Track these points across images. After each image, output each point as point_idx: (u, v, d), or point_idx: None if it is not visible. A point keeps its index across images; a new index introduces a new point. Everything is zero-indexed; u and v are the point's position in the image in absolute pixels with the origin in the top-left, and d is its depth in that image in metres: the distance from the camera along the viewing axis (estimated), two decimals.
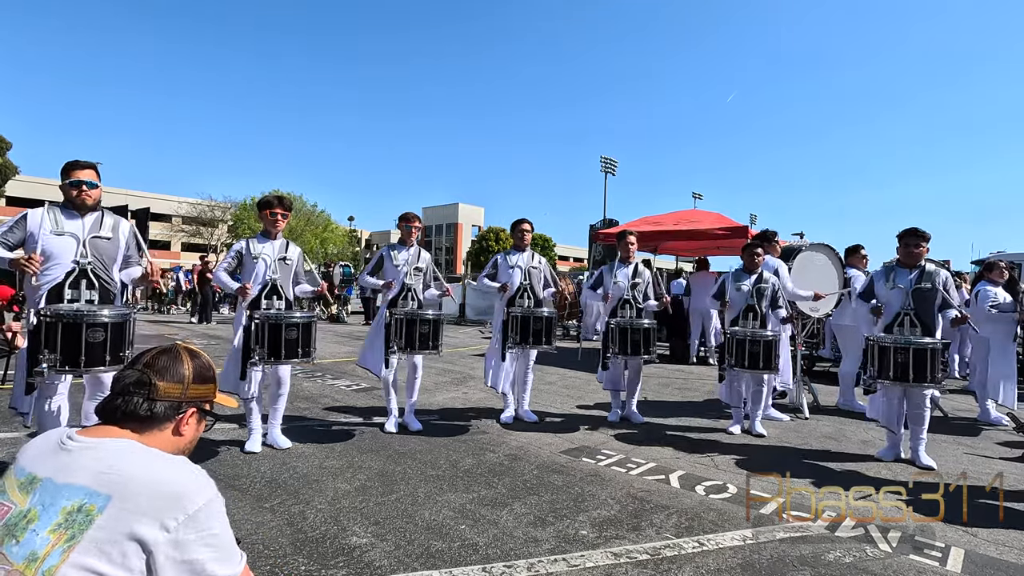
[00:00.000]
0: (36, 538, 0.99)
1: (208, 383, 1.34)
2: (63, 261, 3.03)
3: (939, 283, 4.14)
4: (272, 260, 4.01)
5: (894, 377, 3.98)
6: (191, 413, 1.30)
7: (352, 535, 2.71)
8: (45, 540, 0.99)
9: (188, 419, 1.29)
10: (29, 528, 1.00)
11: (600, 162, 32.93)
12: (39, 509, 1.03)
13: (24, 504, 1.04)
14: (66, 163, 3.12)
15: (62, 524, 1.00)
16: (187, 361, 1.31)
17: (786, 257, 5.98)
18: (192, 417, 1.30)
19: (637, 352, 4.96)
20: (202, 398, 1.33)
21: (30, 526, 1.01)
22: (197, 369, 1.31)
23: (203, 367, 1.34)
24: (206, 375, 1.33)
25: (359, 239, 53.33)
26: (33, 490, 1.06)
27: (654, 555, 2.62)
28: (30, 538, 0.99)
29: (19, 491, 1.07)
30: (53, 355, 2.82)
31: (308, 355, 3.95)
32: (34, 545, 0.99)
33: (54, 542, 0.98)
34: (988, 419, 5.61)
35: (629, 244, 5.28)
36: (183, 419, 1.28)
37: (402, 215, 4.79)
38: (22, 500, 1.05)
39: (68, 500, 1.03)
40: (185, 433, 1.29)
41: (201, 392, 1.32)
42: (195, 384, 1.30)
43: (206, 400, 1.34)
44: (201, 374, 1.32)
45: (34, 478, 1.08)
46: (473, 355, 9.59)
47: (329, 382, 6.62)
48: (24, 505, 1.04)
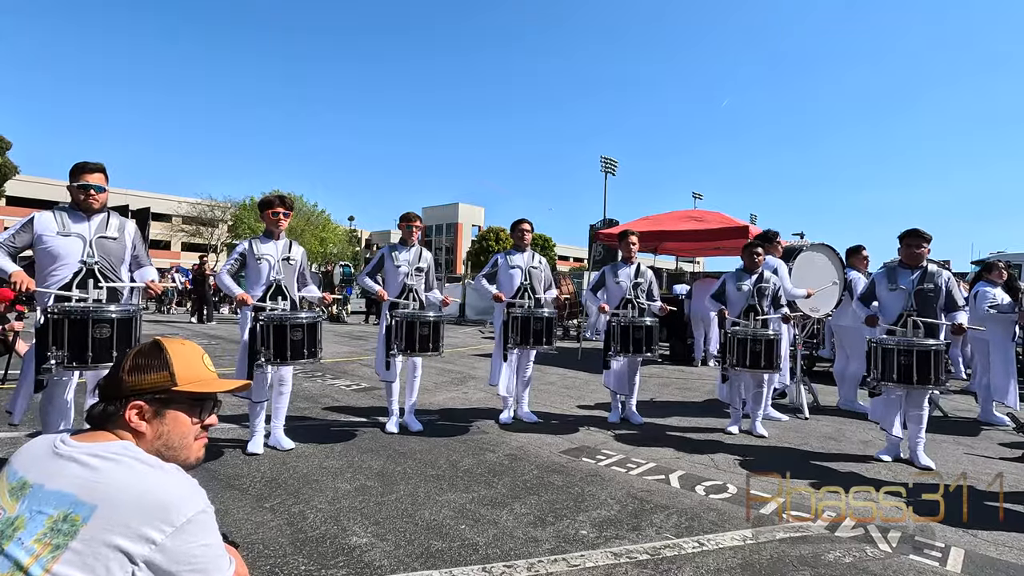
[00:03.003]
0: (21, 547, 0.96)
1: (149, 372, 1.16)
2: (70, 261, 3.04)
3: (942, 283, 4.14)
4: (276, 260, 4.01)
5: (898, 379, 3.98)
6: (133, 408, 1.14)
7: (352, 535, 2.71)
8: (30, 550, 0.95)
9: (132, 413, 1.14)
10: (15, 536, 0.97)
11: (600, 162, 32.86)
12: (27, 516, 0.99)
13: (13, 510, 1.00)
14: (75, 165, 3.11)
15: (47, 533, 0.96)
16: (131, 353, 1.18)
17: (787, 257, 5.98)
18: (139, 411, 1.14)
19: (639, 350, 4.96)
20: (143, 390, 1.15)
21: (16, 534, 0.97)
22: (134, 359, 1.16)
23: (145, 357, 1.17)
24: (146, 365, 1.16)
25: (359, 239, 53.26)
26: (23, 496, 1.02)
27: (654, 555, 2.62)
28: (14, 547, 0.96)
29: (9, 496, 1.03)
30: (61, 352, 2.84)
31: (314, 355, 3.93)
32: (18, 555, 0.95)
33: (38, 552, 0.95)
34: (988, 419, 5.61)
35: (631, 244, 5.28)
36: (126, 414, 1.13)
37: (403, 215, 4.78)
38: (11, 506, 1.01)
39: (54, 508, 0.98)
40: (142, 430, 1.14)
41: (141, 383, 1.15)
42: (129, 375, 1.15)
43: (155, 391, 1.16)
44: (136, 364, 1.16)
45: (24, 483, 1.03)
46: (473, 355, 9.59)
47: (329, 382, 6.62)
48: (13, 512, 1.00)
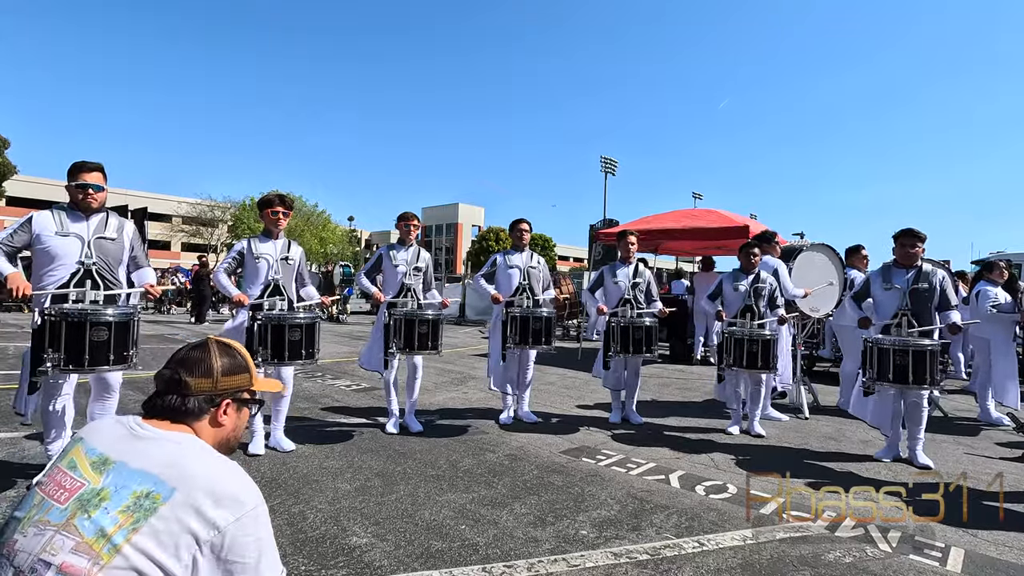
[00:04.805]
0: (107, 516, 1.05)
1: (240, 373, 1.36)
2: (68, 262, 3.02)
3: (936, 283, 4.13)
4: (275, 260, 4.00)
5: (893, 379, 3.97)
6: (226, 404, 1.33)
7: (352, 535, 2.71)
8: (114, 520, 1.04)
9: (224, 410, 1.32)
10: (101, 506, 1.06)
11: (600, 162, 32.90)
12: (111, 490, 1.08)
13: (98, 483, 1.10)
14: (73, 164, 3.09)
15: (130, 507, 1.05)
16: (216, 355, 1.33)
17: (787, 257, 5.98)
18: (229, 408, 1.33)
19: (639, 351, 4.96)
20: (236, 388, 1.35)
21: (102, 504, 1.06)
22: (226, 362, 1.34)
23: (233, 359, 1.36)
24: (237, 366, 1.36)
25: (359, 239, 53.27)
26: (107, 470, 1.12)
27: (654, 555, 2.62)
28: (101, 515, 1.05)
29: (92, 469, 1.13)
30: (57, 354, 2.80)
31: (312, 356, 3.92)
32: (104, 522, 1.04)
33: (121, 523, 1.04)
34: (988, 419, 5.60)
35: (629, 244, 5.28)
36: (218, 411, 1.31)
37: (400, 215, 4.78)
38: (95, 479, 1.11)
39: (139, 485, 1.08)
40: (225, 423, 1.33)
41: (234, 383, 1.34)
42: (225, 376, 1.33)
43: (241, 390, 1.37)
44: (231, 366, 1.34)
45: (107, 459, 1.14)
46: (473, 355, 9.59)
47: (329, 382, 6.62)
48: (97, 484, 1.10)
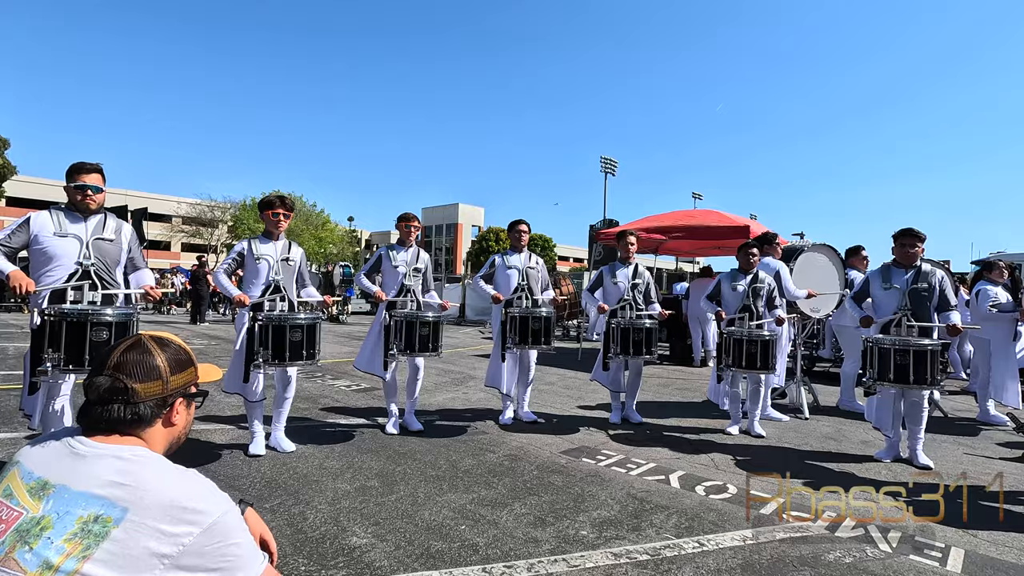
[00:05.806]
0: (50, 547, 0.97)
1: (186, 368, 1.28)
2: (66, 263, 3.03)
3: (936, 283, 4.13)
4: (275, 261, 3.99)
5: (894, 379, 3.98)
6: (179, 403, 1.26)
7: (352, 535, 2.71)
8: (60, 549, 0.97)
9: (177, 409, 1.25)
10: (43, 536, 0.98)
11: (600, 162, 32.89)
12: (53, 517, 1.00)
13: (37, 510, 1.02)
14: (72, 165, 3.10)
15: (78, 534, 0.98)
16: (158, 353, 1.23)
17: (787, 258, 5.99)
18: (180, 406, 1.26)
19: (639, 352, 4.95)
20: (185, 385, 1.27)
21: (44, 533, 0.99)
22: (171, 358, 1.25)
23: (176, 354, 1.27)
24: (181, 361, 1.27)
25: (359, 239, 53.27)
26: (46, 496, 1.04)
27: (654, 555, 2.62)
28: (43, 546, 0.97)
29: (30, 496, 1.04)
30: (57, 354, 2.81)
31: (312, 357, 3.91)
32: (47, 554, 0.97)
33: (69, 551, 0.96)
34: (988, 419, 5.60)
35: (629, 244, 5.28)
36: (171, 412, 1.24)
37: (400, 215, 4.77)
38: (34, 506, 1.03)
39: (84, 509, 1.01)
40: (177, 423, 1.26)
41: (184, 379, 1.26)
42: (174, 375, 1.24)
43: (190, 385, 1.29)
44: (176, 362, 1.25)
45: (46, 483, 1.05)
46: (473, 355, 9.59)
47: (329, 382, 6.63)
48: (37, 511, 1.02)
